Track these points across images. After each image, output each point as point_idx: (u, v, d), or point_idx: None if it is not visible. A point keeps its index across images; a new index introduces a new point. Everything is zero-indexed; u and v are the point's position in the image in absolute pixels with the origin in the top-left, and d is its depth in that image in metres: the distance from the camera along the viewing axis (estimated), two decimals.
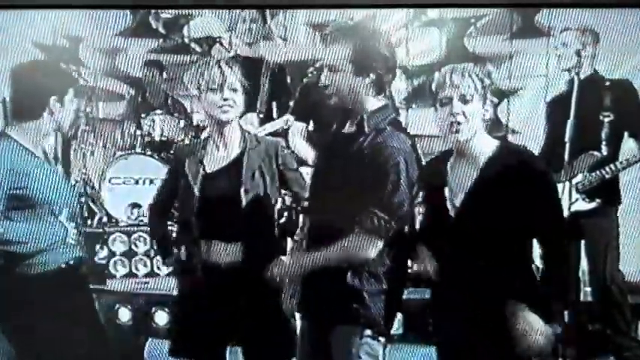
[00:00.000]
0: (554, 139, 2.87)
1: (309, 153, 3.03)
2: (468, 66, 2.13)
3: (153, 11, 3.32)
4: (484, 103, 2.12)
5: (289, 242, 2.47)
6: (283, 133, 3.22)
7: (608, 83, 2.86)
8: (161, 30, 3.40)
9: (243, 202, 2.32)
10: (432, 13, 3.05)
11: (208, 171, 2.35)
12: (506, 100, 3.05)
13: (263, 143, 2.41)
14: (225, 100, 2.30)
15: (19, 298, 2.41)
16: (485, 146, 2.13)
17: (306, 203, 2.33)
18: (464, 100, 2.09)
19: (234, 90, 2.33)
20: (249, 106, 2.74)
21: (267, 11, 3.28)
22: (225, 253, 2.33)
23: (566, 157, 2.86)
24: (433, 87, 2.13)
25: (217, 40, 3.35)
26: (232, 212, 2.31)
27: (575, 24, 2.86)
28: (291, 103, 3.32)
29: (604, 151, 2.88)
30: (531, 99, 3.02)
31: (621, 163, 2.87)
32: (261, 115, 3.33)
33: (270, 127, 3.25)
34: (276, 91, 3.37)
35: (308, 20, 3.15)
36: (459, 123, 2.09)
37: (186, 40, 3.42)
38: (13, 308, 2.42)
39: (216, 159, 2.36)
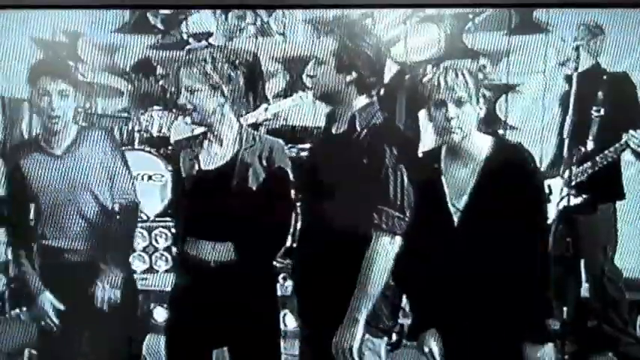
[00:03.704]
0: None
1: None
2: (460, 64, 2.12)
3: None
4: (477, 102, 2.11)
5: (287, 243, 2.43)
6: None
7: (605, 77, 2.85)
8: (159, 26, 3.39)
9: (236, 202, 2.29)
10: (430, 10, 3.04)
11: (203, 168, 2.33)
12: (504, 96, 3.04)
13: (259, 142, 2.35)
14: (181, 105, 2.26)
15: None
16: (479, 144, 2.12)
17: (299, 204, 2.31)
18: (459, 103, 2.08)
19: (191, 91, 2.25)
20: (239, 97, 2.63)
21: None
22: (214, 253, 2.31)
23: (565, 153, 2.86)
24: (427, 89, 2.12)
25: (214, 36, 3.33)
26: (222, 211, 2.29)
27: (573, 20, 2.85)
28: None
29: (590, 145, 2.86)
30: (530, 95, 3.02)
31: (610, 151, 2.85)
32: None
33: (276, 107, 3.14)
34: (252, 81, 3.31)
35: (307, 17, 3.14)
36: (455, 127, 2.07)
37: (185, 36, 3.41)
38: None
39: (211, 156, 2.34)
